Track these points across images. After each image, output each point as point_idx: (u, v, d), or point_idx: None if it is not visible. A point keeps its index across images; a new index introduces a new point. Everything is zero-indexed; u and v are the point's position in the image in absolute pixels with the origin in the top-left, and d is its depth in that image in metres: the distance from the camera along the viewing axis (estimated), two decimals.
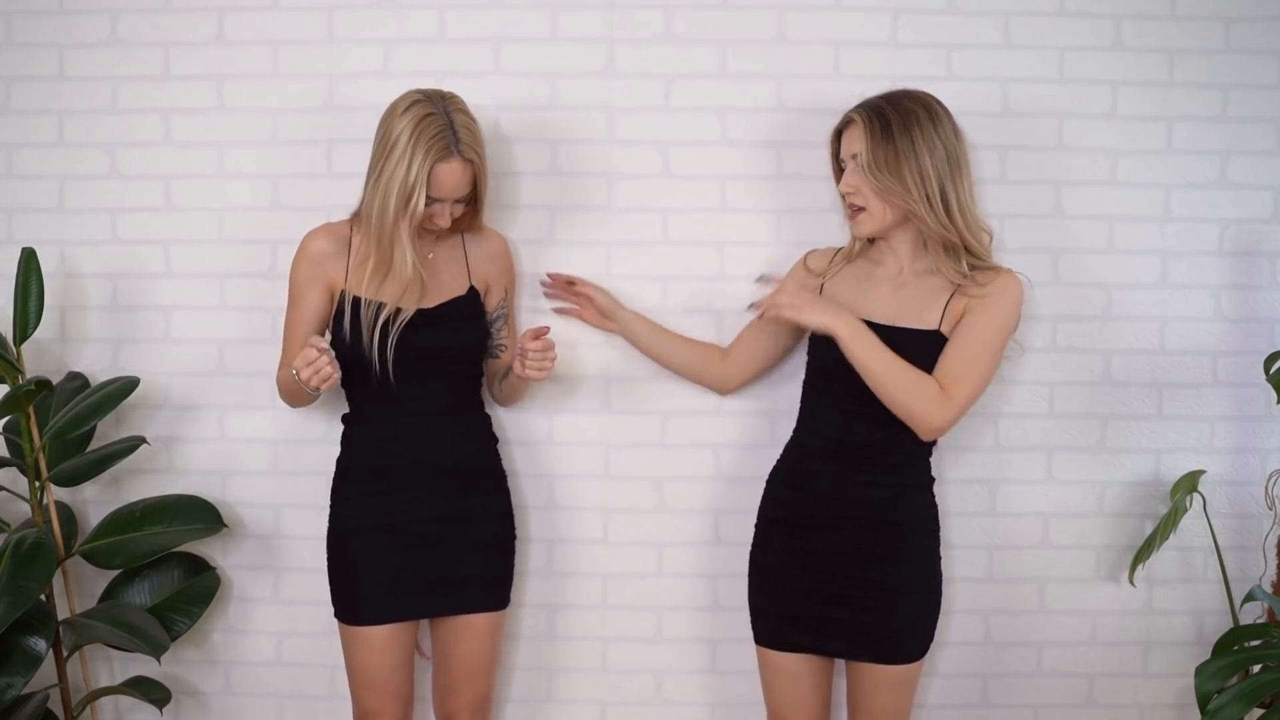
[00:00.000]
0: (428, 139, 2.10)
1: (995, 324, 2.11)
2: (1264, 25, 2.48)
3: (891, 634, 2.16)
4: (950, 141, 2.09)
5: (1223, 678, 2.17)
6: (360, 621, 2.25)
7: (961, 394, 2.08)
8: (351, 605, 2.27)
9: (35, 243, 2.45)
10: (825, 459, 2.19)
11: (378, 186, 2.13)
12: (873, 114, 2.09)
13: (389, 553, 2.24)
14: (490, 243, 2.38)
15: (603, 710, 2.61)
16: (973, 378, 2.09)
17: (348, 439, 2.32)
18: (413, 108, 2.13)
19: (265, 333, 2.51)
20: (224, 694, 2.62)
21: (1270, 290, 2.53)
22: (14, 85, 2.52)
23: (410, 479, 2.25)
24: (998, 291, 2.11)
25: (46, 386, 2.24)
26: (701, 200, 2.50)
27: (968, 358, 2.09)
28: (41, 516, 2.39)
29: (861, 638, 2.15)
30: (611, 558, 2.57)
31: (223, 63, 2.50)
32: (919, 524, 2.20)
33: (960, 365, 2.08)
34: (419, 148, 2.09)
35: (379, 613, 2.25)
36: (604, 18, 2.48)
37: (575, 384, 2.54)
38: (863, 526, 2.15)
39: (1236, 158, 2.50)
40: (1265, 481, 2.53)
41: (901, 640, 2.17)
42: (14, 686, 2.18)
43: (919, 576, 2.19)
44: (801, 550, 2.18)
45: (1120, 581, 2.55)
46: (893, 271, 2.20)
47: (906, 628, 2.17)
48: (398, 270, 2.16)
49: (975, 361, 2.09)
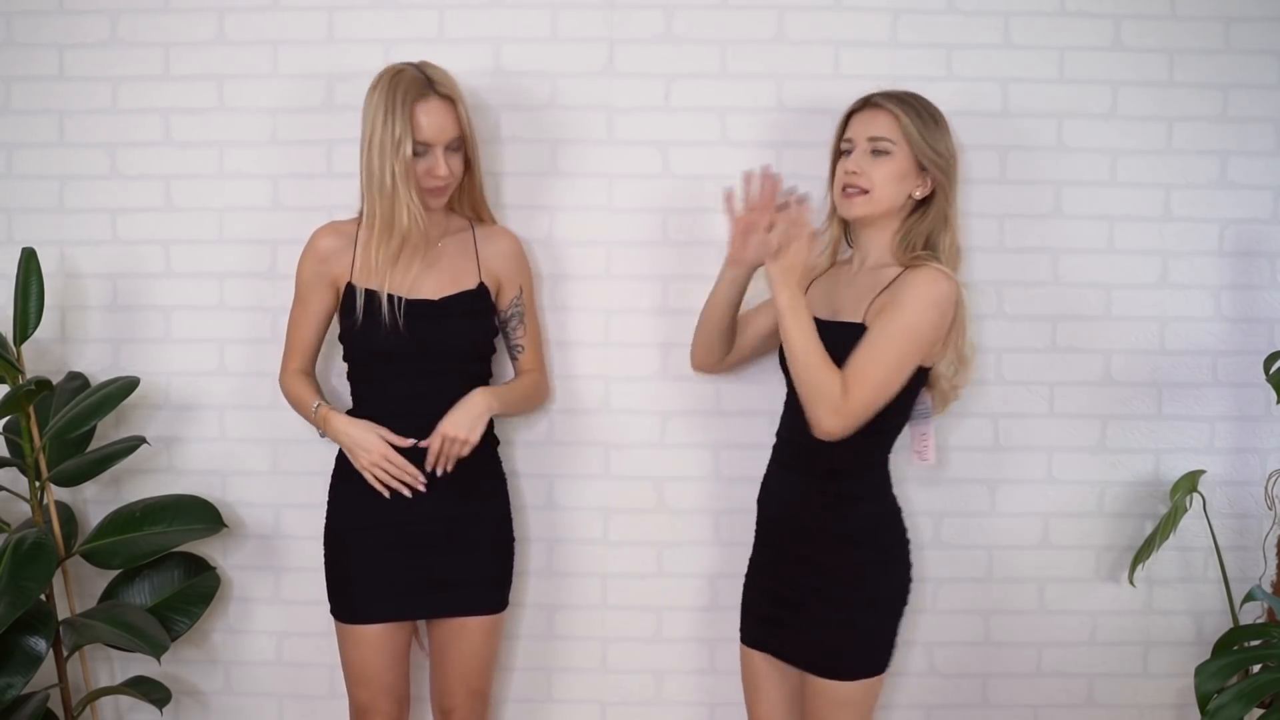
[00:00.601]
0: (402, 87, 2.13)
1: (899, 324, 1.99)
2: (1264, 25, 2.48)
3: (820, 645, 2.09)
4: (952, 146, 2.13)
5: (1223, 678, 2.17)
6: (355, 620, 2.25)
7: (857, 396, 1.96)
8: (347, 604, 2.27)
9: (35, 243, 2.45)
10: (779, 462, 2.21)
11: (370, 154, 2.14)
12: (904, 100, 2.10)
13: (386, 552, 2.25)
14: (502, 240, 2.37)
15: (603, 710, 2.61)
16: (869, 380, 1.97)
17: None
18: (383, 74, 2.17)
19: (265, 333, 2.51)
20: (224, 694, 2.62)
21: (1270, 290, 2.53)
22: (14, 85, 2.52)
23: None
24: (909, 288, 2.01)
25: (46, 386, 2.24)
26: (701, 200, 2.50)
27: (868, 357, 1.98)
28: (41, 516, 2.39)
29: (797, 644, 2.12)
30: (611, 558, 2.57)
31: (223, 63, 2.50)
32: (854, 535, 2.09)
33: (859, 365, 1.98)
34: (395, 97, 2.12)
35: (374, 612, 2.25)
36: (604, 18, 2.48)
37: (575, 384, 2.54)
38: (802, 532, 2.13)
39: (1236, 158, 2.50)
40: (1265, 481, 2.53)
41: (833, 654, 2.08)
42: (14, 686, 2.18)
43: (849, 590, 2.08)
44: (766, 549, 2.22)
45: (1120, 581, 2.55)
46: (854, 268, 2.18)
47: (839, 643, 2.08)
48: (399, 223, 2.15)
49: (873, 363, 1.98)
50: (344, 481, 2.29)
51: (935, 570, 2.56)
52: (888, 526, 2.14)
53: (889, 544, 2.14)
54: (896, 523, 2.16)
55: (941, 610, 2.57)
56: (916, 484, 2.55)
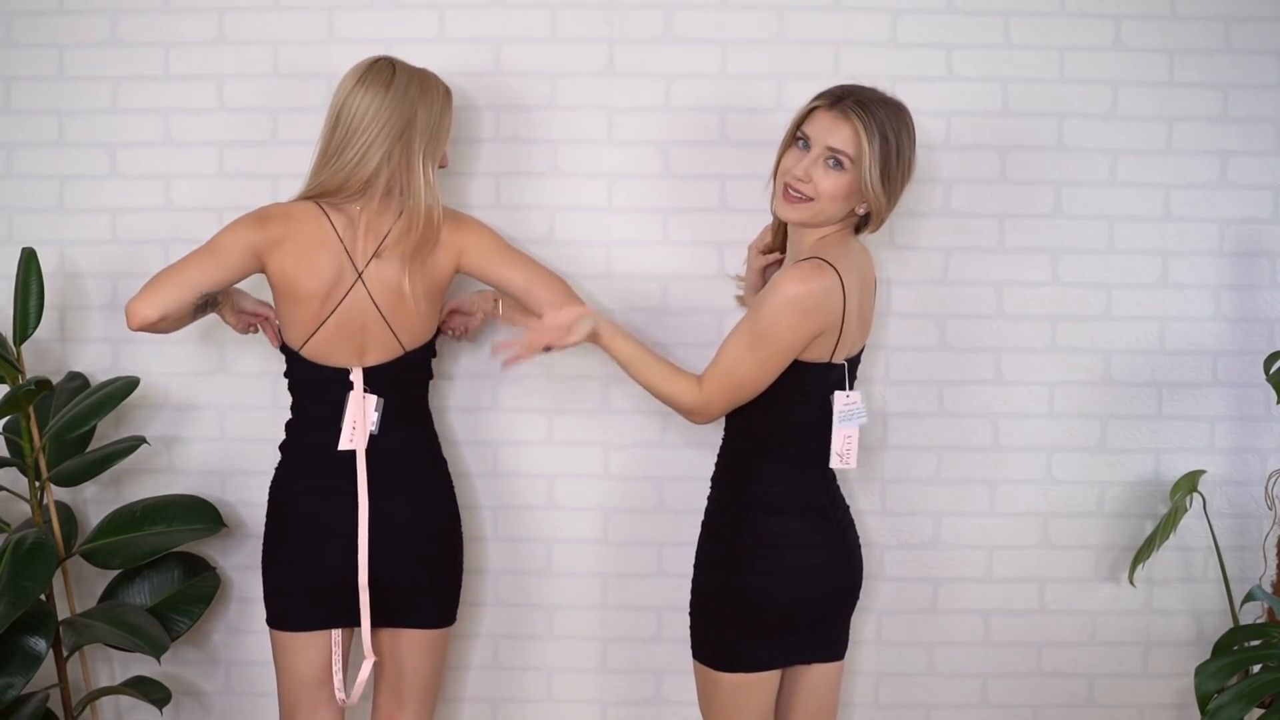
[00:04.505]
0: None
1: (751, 324, 1.98)
2: (1264, 25, 2.48)
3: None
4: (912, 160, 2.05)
5: (1223, 678, 2.17)
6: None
7: (708, 387, 2.02)
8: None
9: (35, 243, 2.45)
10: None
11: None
12: (877, 119, 1.98)
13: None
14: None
15: (603, 710, 2.61)
16: (718, 371, 2.01)
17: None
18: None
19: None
20: (224, 694, 2.62)
21: (1270, 290, 2.53)
22: (14, 85, 2.52)
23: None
24: (771, 287, 2.00)
25: (46, 386, 2.24)
26: (701, 200, 2.50)
27: (720, 357, 2.02)
28: (41, 516, 2.39)
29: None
30: (611, 558, 2.57)
31: (223, 63, 2.50)
32: (714, 526, 2.13)
33: (713, 364, 2.03)
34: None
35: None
36: (604, 18, 2.48)
37: (575, 384, 2.54)
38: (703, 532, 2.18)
39: (1236, 158, 2.50)
40: (1265, 481, 2.53)
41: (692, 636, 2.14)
42: (14, 686, 2.19)
43: (698, 577, 2.14)
44: None
45: (1120, 581, 2.55)
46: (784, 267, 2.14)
47: (694, 626, 2.13)
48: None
49: (722, 364, 2.01)
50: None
51: (935, 571, 2.56)
52: (756, 539, 2.07)
53: (749, 557, 2.07)
54: (766, 531, 2.07)
55: (941, 610, 2.57)
56: (917, 484, 2.55)
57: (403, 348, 2.21)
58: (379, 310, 2.16)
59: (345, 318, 2.16)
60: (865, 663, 2.57)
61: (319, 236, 2.14)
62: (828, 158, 1.99)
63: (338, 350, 2.18)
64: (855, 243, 2.10)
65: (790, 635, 2.08)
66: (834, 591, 2.10)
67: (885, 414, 2.54)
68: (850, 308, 2.01)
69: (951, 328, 2.53)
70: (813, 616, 2.09)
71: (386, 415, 2.21)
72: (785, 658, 2.09)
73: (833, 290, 1.98)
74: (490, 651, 2.60)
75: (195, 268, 2.11)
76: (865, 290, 2.10)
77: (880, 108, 2.00)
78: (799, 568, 2.06)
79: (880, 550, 2.55)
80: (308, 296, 2.14)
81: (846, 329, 2.02)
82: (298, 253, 2.13)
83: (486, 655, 2.60)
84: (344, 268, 2.14)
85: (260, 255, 2.13)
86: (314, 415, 2.22)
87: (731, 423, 2.14)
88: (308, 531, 2.19)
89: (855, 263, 2.06)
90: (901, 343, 2.52)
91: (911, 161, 2.04)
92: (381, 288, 2.15)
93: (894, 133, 1.99)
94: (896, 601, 2.57)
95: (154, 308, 2.06)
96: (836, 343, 2.02)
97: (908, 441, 2.55)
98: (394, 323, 2.18)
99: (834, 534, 2.09)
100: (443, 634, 2.28)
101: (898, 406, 2.54)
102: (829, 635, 2.14)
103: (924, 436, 2.55)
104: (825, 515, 2.09)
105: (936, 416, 2.54)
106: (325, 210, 2.15)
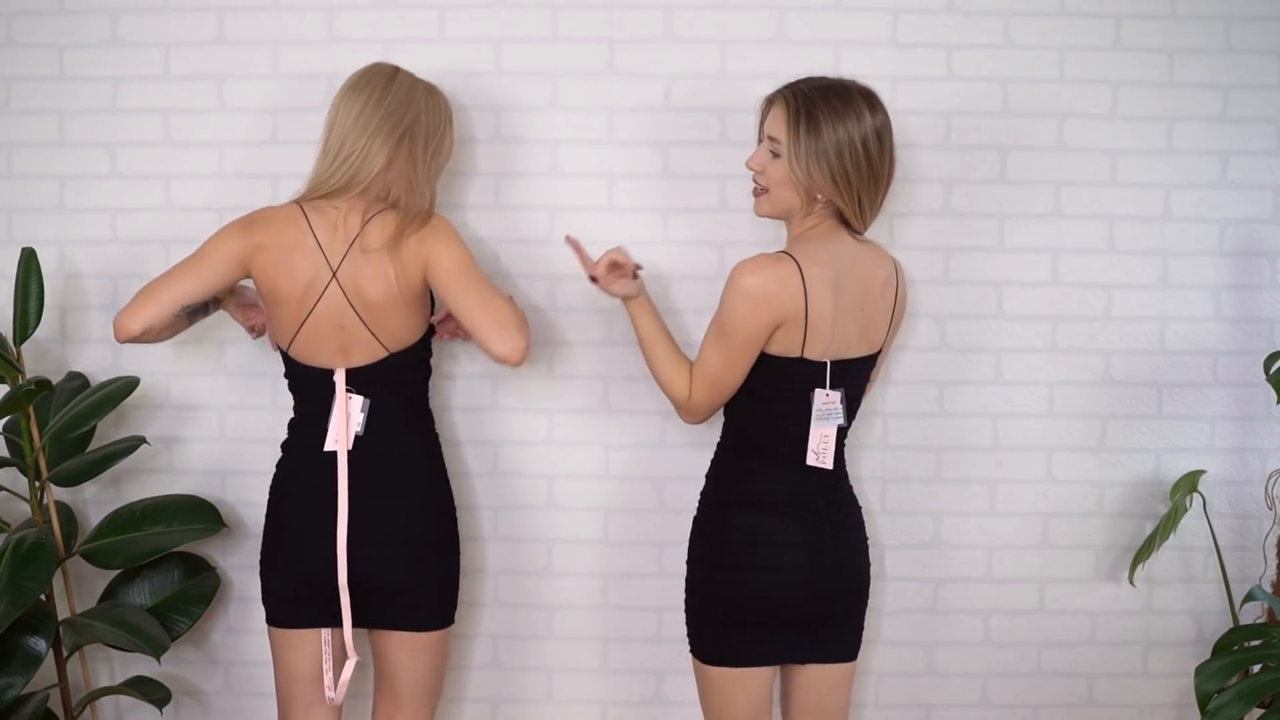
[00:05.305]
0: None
1: (715, 319, 2.04)
2: (1264, 25, 2.48)
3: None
4: (869, 137, 1.98)
5: (1223, 678, 2.17)
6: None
7: (693, 384, 2.07)
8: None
9: (35, 243, 2.45)
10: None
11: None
12: (799, 108, 1.97)
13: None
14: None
15: (603, 710, 2.61)
16: (696, 369, 2.07)
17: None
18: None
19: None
20: (224, 694, 2.62)
21: (1270, 290, 2.53)
22: (14, 85, 2.52)
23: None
24: (727, 281, 2.01)
25: (46, 386, 2.24)
26: (702, 200, 2.50)
27: (699, 348, 2.07)
28: (41, 516, 2.39)
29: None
30: (611, 558, 2.57)
31: (223, 63, 2.50)
32: (700, 521, 2.14)
33: (695, 361, 2.08)
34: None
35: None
36: (604, 18, 2.48)
37: (575, 384, 2.54)
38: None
39: (1236, 158, 2.50)
40: (1265, 481, 2.53)
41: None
42: (14, 686, 2.19)
43: (687, 572, 2.15)
44: None
45: (1120, 581, 2.55)
46: None
47: (686, 620, 2.15)
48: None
49: (699, 352, 2.06)
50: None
51: (935, 571, 2.56)
52: (723, 537, 2.08)
53: (716, 553, 2.09)
54: (744, 528, 2.07)
55: (941, 610, 2.57)
56: (917, 484, 2.55)
57: (386, 349, 2.19)
58: (355, 312, 2.15)
59: (322, 319, 2.15)
60: (865, 663, 2.57)
61: (297, 239, 2.14)
62: (770, 147, 2.02)
63: (320, 351, 2.18)
64: (848, 240, 2.06)
65: (771, 633, 2.06)
66: (822, 593, 2.06)
67: (885, 414, 2.54)
68: (818, 301, 1.97)
69: (951, 328, 2.53)
70: (795, 616, 2.06)
71: (376, 416, 2.19)
72: (771, 655, 2.08)
73: (787, 280, 1.96)
74: (490, 651, 2.60)
75: (179, 282, 2.15)
76: (865, 290, 2.06)
77: (816, 92, 1.98)
78: (775, 566, 2.03)
79: (881, 550, 2.55)
80: (286, 298, 2.15)
81: (814, 323, 1.98)
82: (277, 256, 2.14)
83: (487, 655, 2.60)
84: (320, 269, 2.13)
85: (245, 262, 2.16)
86: (306, 415, 2.23)
87: (725, 421, 2.16)
88: (299, 530, 2.19)
89: (838, 258, 2.02)
90: (902, 343, 2.52)
91: (853, 143, 1.96)
92: (357, 289, 2.14)
93: (824, 114, 1.96)
94: (897, 601, 2.57)
95: (137, 322, 2.12)
96: (804, 336, 1.99)
97: (908, 441, 2.55)
98: (372, 324, 2.16)
99: (824, 536, 2.06)
100: (436, 637, 2.25)
101: (898, 406, 2.54)
102: (824, 636, 2.11)
103: (924, 436, 2.55)
104: (815, 516, 2.06)
105: (936, 416, 2.54)
106: (306, 212, 2.16)
